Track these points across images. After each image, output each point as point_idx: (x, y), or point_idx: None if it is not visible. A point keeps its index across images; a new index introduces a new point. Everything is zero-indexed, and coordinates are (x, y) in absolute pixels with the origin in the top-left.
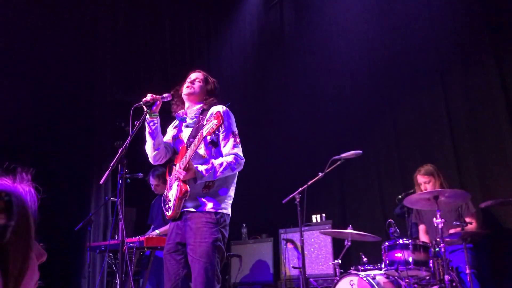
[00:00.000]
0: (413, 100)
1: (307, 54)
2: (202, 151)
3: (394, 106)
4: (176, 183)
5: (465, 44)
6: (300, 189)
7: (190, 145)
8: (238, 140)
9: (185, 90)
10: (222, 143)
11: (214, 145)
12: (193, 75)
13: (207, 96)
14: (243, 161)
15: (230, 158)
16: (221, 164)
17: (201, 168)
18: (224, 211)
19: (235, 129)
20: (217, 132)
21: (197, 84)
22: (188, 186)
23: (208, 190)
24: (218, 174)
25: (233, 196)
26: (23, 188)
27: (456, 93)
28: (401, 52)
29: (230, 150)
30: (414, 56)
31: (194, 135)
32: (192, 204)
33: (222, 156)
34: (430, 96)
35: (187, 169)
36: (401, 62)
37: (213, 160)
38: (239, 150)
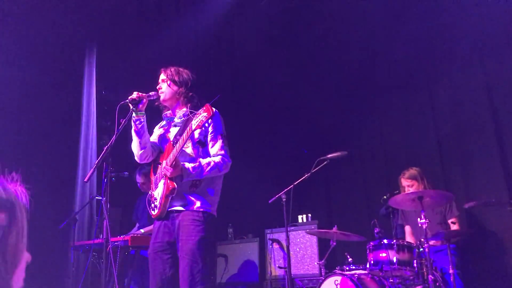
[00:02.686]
0: (399, 102)
1: (293, 51)
2: (189, 150)
3: (380, 107)
4: (162, 181)
5: (451, 47)
6: (286, 189)
7: (176, 142)
8: (226, 142)
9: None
10: (210, 144)
11: (201, 145)
12: (160, 78)
13: (184, 91)
14: (230, 163)
15: (217, 159)
16: (208, 164)
17: (188, 165)
18: (211, 211)
19: (224, 132)
20: (206, 126)
21: (165, 87)
22: (175, 184)
23: (195, 189)
24: (205, 173)
25: (219, 196)
26: (15, 188)
27: (442, 95)
28: (387, 53)
29: (218, 151)
30: (400, 58)
31: (181, 133)
32: (180, 202)
33: (209, 156)
34: (416, 98)
35: (174, 165)
36: (386, 64)
37: (200, 159)
38: (227, 152)
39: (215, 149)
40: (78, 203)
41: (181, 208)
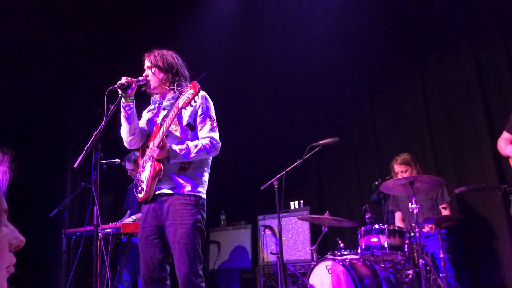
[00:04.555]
0: (391, 88)
1: (285, 39)
2: (178, 133)
3: (372, 93)
4: (149, 163)
5: (443, 35)
6: (278, 175)
7: (163, 123)
8: (215, 124)
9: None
10: (199, 127)
11: (191, 128)
12: (145, 64)
13: (170, 77)
14: (219, 145)
15: (205, 141)
16: (196, 146)
17: (175, 147)
18: (201, 194)
19: (213, 114)
20: (194, 106)
21: (150, 75)
22: (162, 165)
23: (184, 172)
24: (192, 155)
25: (207, 182)
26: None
27: (434, 82)
28: (380, 41)
29: (207, 133)
30: (393, 45)
31: (168, 115)
32: (168, 186)
33: (198, 139)
34: (408, 84)
35: (161, 147)
36: (380, 51)
37: (188, 142)
38: (215, 134)
39: (204, 131)
40: (69, 190)
41: (169, 191)
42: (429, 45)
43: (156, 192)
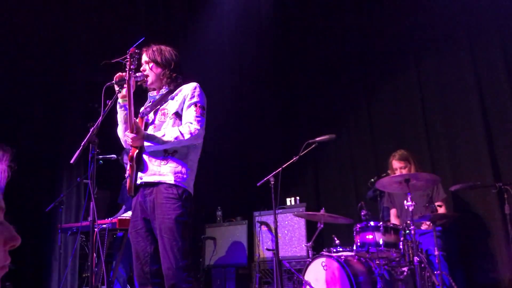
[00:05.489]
0: (387, 85)
1: (282, 35)
2: (167, 123)
3: (368, 90)
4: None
5: (439, 30)
6: (275, 172)
7: (144, 114)
8: (200, 112)
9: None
10: (183, 114)
11: (179, 118)
12: (142, 59)
13: (168, 73)
14: (198, 133)
15: (184, 128)
16: (173, 131)
17: (152, 132)
18: (185, 187)
19: (201, 103)
20: (182, 96)
21: (147, 71)
22: (137, 149)
23: (166, 163)
24: (168, 139)
25: (194, 174)
26: None
27: (430, 78)
28: (376, 36)
29: (187, 120)
30: (389, 41)
31: (152, 107)
32: (150, 175)
33: None
34: (404, 81)
35: (135, 132)
36: (376, 47)
37: (166, 128)
38: (197, 122)
39: (185, 118)
40: (65, 185)
41: (151, 181)
42: (426, 39)
43: (138, 182)
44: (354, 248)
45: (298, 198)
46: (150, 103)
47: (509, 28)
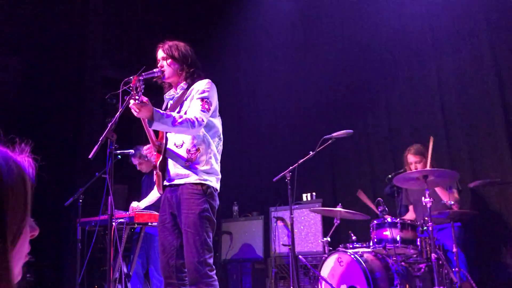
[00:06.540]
0: (405, 79)
1: (298, 31)
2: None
3: (386, 85)
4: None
5: (459, 22)
6: (291, 167)
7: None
8: (207, 107)
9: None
10: (191, 106)
11: None
12: (158, 55)
13: (186, 68)
14: (199, 124)
15: (189, 115)
16: (181, 117)
17: (161, 111)
18: (209, 183)
19: (210, 99)
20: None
21: (165, 66)
22: (160, 158)
23: (191, 162)
24: (178, 122)
25: (219, 171)
26: (22, 157)
27: (449, 72)
28: (394, 29)
29: (193, 111)
30: (407, 34)
31: (174, 107)
32: (177, 176)
33: None
34: (423, 75)
35: (143, 103)
36: (394, 40)
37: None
38: (201, 114)
39: (191, 109)
40: (84, 179)
41: (179, 182)
42: (445, 34)
43: (167, 184)
44: (371, 244)
45: (314, 193)
46: (168, 108)
47: None
